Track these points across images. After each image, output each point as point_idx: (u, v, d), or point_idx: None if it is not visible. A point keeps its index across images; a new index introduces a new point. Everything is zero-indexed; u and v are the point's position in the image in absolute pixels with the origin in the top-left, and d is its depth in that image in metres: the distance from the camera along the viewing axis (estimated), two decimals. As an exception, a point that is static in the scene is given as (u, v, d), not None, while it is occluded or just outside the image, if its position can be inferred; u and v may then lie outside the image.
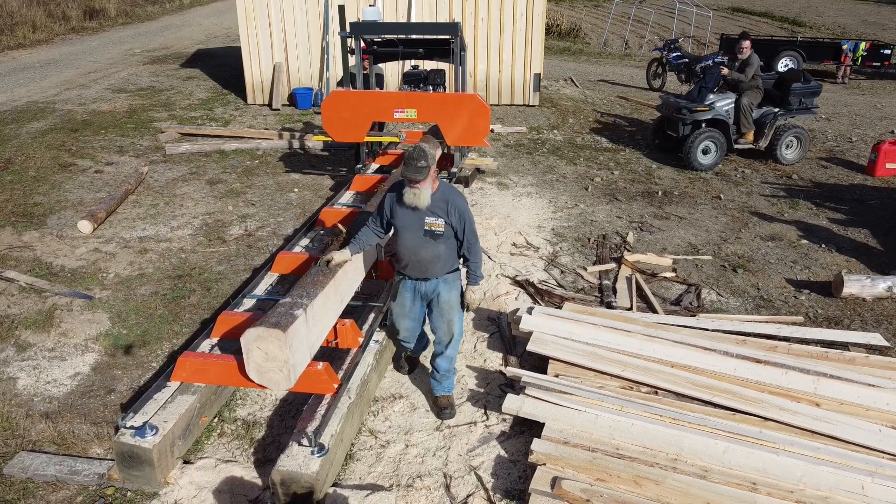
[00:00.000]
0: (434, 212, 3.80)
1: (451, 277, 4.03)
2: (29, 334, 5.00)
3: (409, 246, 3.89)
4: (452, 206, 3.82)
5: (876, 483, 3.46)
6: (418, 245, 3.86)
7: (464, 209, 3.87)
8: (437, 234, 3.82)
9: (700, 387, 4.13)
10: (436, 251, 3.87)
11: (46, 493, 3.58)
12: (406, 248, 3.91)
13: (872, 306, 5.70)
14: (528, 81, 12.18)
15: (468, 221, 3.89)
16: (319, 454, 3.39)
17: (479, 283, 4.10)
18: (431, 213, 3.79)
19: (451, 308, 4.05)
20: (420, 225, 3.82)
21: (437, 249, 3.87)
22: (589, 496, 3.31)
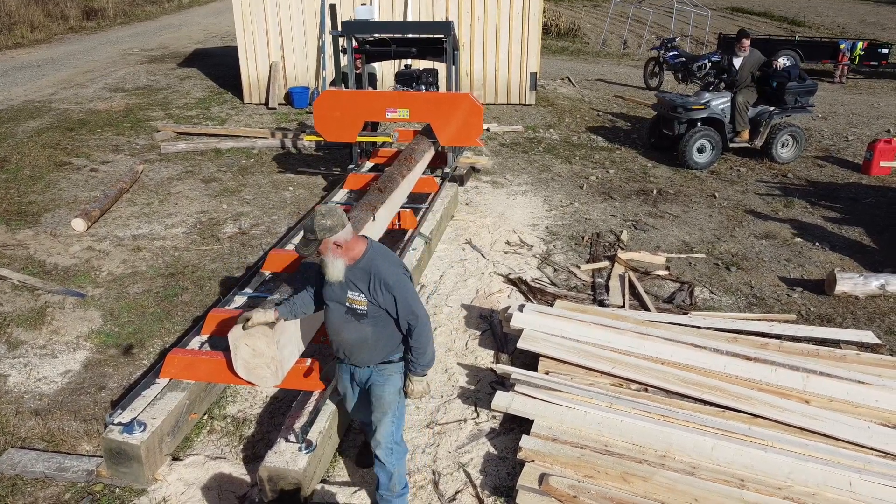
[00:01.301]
0: (356, 284, 3.05)
1: (387, 369, 3.20)
2: (21, 332, 5.01)
3: (332, 324, 3.20)
4: (376, 278, 3.01)
5: (864, 479, 3.47)
6: (340, 324, 3.15)
7: (394, 282, 3.02)
8: (358, 313, 3.08)
9: (690, 384, 4.13)
10: (361, 334, 3.11)
11: (35, 490, 3.58)
12: (329, 325, 3.23)
13: (865, 304, 5.70)
14: (524, 80, 12.17)
15: (401, 296, 3.03)
16: (307, 451, 3.39)
17: (425, 373, 3.20)
18: (353, 285, 3.06)
19: (384, 407, 3.20)
20: (343, 299, 3.11)
21: (363, 332, 3.10)
22: (576, 492, 3.31)
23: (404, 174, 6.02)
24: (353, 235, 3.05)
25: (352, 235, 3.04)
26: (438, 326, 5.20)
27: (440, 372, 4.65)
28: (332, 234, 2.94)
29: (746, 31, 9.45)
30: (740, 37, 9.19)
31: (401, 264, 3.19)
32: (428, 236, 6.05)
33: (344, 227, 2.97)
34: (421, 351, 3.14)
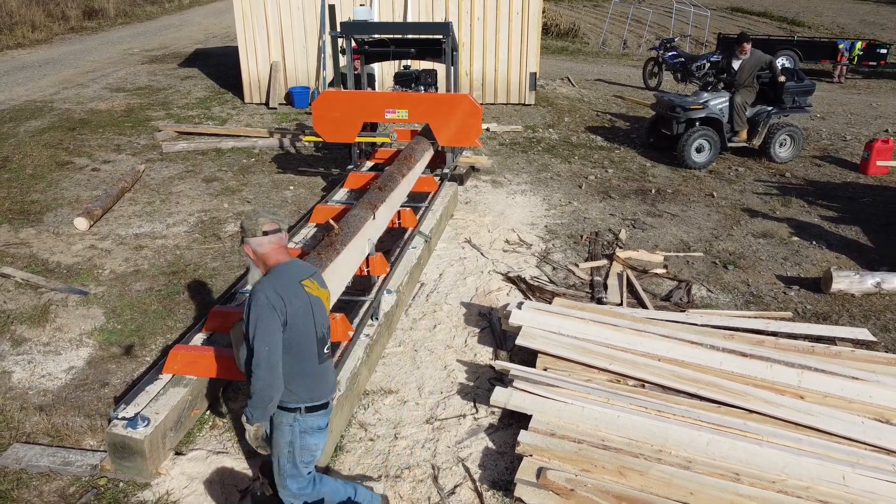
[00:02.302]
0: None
1: (278, 415, 2.89)
2: (24, 329, 5.06)
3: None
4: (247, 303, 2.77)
5: (857, 473, 3.52)
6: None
7: (247, 307, 2.73)
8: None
9: (686, 380, 4.18)
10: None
11: (40, 484, 3.63)
12: None
13: (861, 302, 5.75)
14: (524, 80, 12.23)
15: (248, 325, 2.72)
16: (308, 445, 3.43)
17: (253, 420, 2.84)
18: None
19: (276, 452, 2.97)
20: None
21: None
22: (573, 486, 3.36)
23: (404, 173, 6.07)
24: (262, 248, 2.85)
25: (260, 248, 2.85)
26: (438, 324, 5.26)
27: (440, 369, 4.71)
28: (244, 237, 2.90)
29: (747, 35, 9.50)
30: (741, 40, 9.23)
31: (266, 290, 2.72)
32: (428, 235, 6.10)
33: (253, 236, 2.85)
34: (250, 392, 2.77)
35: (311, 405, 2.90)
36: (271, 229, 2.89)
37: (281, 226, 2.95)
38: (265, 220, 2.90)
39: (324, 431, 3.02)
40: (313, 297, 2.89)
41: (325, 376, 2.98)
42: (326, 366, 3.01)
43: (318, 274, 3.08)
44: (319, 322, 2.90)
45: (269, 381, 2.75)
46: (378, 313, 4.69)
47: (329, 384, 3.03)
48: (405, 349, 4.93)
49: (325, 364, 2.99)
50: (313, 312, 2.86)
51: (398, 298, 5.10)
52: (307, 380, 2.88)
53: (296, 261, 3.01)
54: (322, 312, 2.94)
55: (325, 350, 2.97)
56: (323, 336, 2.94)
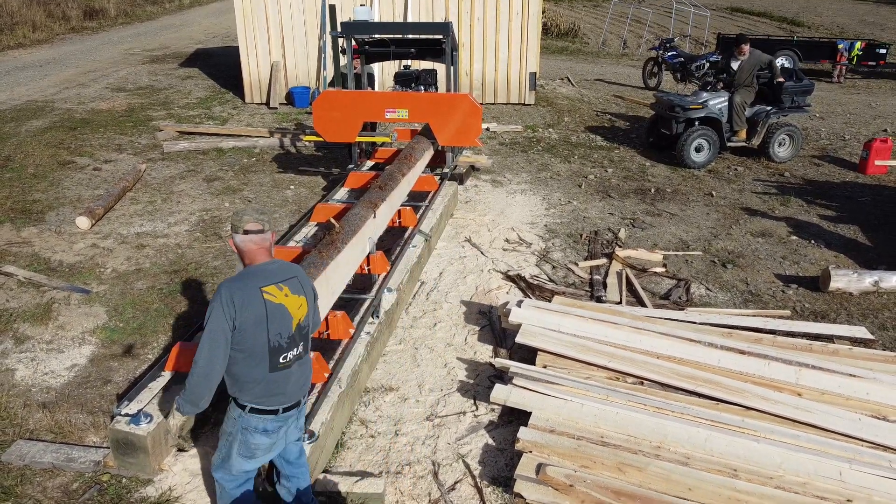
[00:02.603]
0: None
1: (231, 403, 2.95)
2: (27, 327, 5.09)
3: None
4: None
5: (853, 469, 3.55)
6: None
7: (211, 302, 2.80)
8: None
9: (684, 377, 4.21)
10: None
11: (43, 480, 3.66)
12: None
13: (859, 300, 5.78)
14: (524, 80, 12.26)
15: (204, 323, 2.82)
16: (309, 441, 3.47)
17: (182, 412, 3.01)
18: None
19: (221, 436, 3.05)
20: None
21: None
22: (573, 482, 3.39)
23: (404, 172, 6.10)
24: (243, 245, 2.87)
25: (241, 245, 2.87)
26: (438, 322, 5.29)
27: (440, 366, 4.74)
28: (231, 231, 2.92)
29: (745, 37, 9.53)
30: (739, 41, 9.26)
31: (223, 290, 2.77)
32: (428, 234, 6.13)
33: (236, 233, 2.87)
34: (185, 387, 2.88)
35: (256, 408, 2.86)
36: (253, 229, 2.84)
37: (265, 226, 2.88)
38: (249, 219, 2.86)
39: (270, 434, 2.91)
40: (274, 305, 2.78)
41: (277, 384, 2.86)
42: (283, 374, 2.86)
43: (296, 279, 2.92)
44: (275, 331, 2.79)
45: (200, 383, 2.81)
46: (379, 311, 4.72)
47: (285, 393, 2.89)
48: (406, 347, 4.96)
49: (281, 373, 2.85)
50: (268, 321, 2.77)
51: (399, 297, 5.13)
52: (255, 385, 2.83)
53: (274, 263, 2.91)
54: (282, 321, 2.81)
55: (282, 359, 2.83)
56: (279, 345, 2.81)
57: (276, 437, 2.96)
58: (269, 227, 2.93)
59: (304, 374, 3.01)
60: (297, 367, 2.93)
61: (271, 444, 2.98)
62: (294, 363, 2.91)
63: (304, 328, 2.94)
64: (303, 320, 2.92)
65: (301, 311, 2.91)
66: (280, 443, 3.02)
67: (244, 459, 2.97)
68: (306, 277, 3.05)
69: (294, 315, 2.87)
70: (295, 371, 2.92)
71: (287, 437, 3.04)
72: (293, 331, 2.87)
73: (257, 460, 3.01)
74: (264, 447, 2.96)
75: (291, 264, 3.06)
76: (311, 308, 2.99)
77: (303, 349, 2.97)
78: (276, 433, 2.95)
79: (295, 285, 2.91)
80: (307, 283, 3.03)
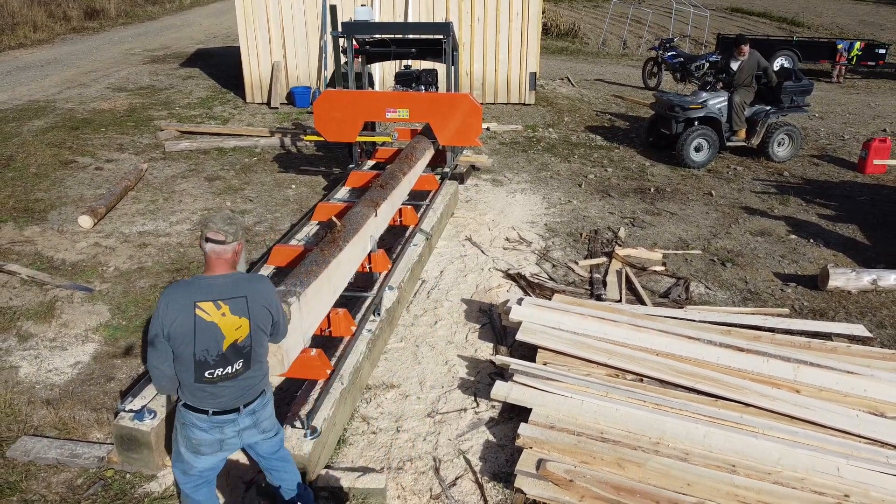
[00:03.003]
0: None
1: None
2: (30, 325, 5.12)
3: None
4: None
5: (851, 465, 3.58)
6: None
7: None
8: None
9: (683, 374, 4.24)
10: None
11: (48, 476, 3.70)
12: None
13: (857, 299, 5.81)
14: (524, 80, 12.29)
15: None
16: (312, 437, 3.51)
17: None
18: None
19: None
20: None
21: None
22: (573, 477, 3.42)
23: (405, 172, 6.13)
24: (204, 250, 2.88)
25: (203, 249, 2.89)
26: (439, 320, 5.32)
27: (440, 364, 4.77)
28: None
29: (745, 37, 9.55)
30: (738, 42, 9.28)
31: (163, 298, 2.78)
32: (429, 232, 6.16)
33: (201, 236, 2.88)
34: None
35: (189, 405, 2.87)
36: (214, 238, 2.78)
37: (227, 238, 2.79)
38: (213, 227, 2.80)
39: (208, 431, 2.87)
40: (204, 322, 2.72)
41: (205, 393, 2.82)
42: (211, 387, 2.81)
43: (244, 299, 2.79)
44: (201, 348, 2.73)
45: (153, 376, 2.89)
46: (380, 309, 4.75)
47: (215, 401, 2.83)
48: (406, 345, 4.99)
49: (208, 385, 2.80)
50: (195, 337, 2.72)
51: (400, 295, 5.17)
52: (186, 387, 2.84)
53: (227, 277, 2.82)
54: (210, 339, 2.73)
55: (207, 374, 2.77)
56: (205, 361, 2.75)
57: (217, 435, 2.89)
58: (234, 239, 2.82)
59: (241, 387, 2.87)
60: (230, 383, 2.83)
61: (215, 442, 2.90)
62: (222, 381, 2.81)
63: (243, 348, 2.81)
64: (241, 341, 2.79)
65: (240, 333, 2.79)
66: (232, 443, 2.95)
67: (192, 454, 2.94)
68: (262, 299, 2.86)
69: (227, 335, 2.76)
70: (227, 386, 2.83)
71: (243, 438, 2.97)
72: (223, 350, 2.76)
73: (206, 458, 2.94)
74: (206, 443, 2.90)
75: (251, 283, 2.87)
76: (255, 330, 2.83)
77: (242, 366, 2.83)
78: (214, 432, 2.88)
79: (239, 306, 2.77)
80: (257, 305, 2.83)
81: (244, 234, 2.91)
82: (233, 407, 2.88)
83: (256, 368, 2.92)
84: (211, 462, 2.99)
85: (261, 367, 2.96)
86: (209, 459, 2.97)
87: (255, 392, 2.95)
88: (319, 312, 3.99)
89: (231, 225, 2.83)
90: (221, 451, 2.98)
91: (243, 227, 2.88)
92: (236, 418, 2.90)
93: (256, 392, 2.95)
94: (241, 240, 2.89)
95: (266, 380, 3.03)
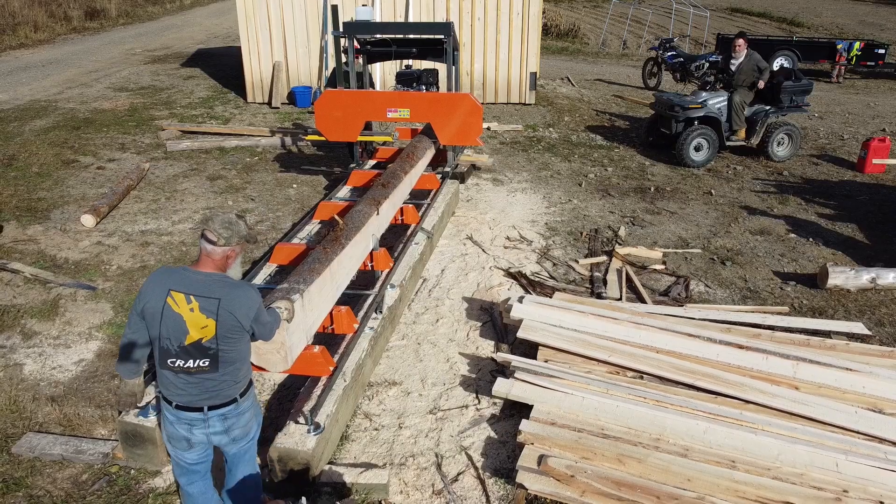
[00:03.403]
0: None
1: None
2: (34, 323, 5.15)
3: None
4: None
5: (849, 460, 3.61)
6: None
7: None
8: None
9: (684, 371, 4.27)
10: None
11: (53, 472, 3.73)
12: None
13: (856, 297, 5.85)
14: (524, 80, 12.33)
15: None
16: (315, 432, 3.54)
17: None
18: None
19: None
20: None
21: None
22: (574, 472, 3.45)
23: (407, 171, 6.16)
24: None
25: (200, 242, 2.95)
26: (440, 318, 5.35)
27: (442, 361, 4.80)
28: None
29: (743, 33, 9.60)
30: (736, 38, 9.33)
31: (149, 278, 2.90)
32: (430, 231, 6.19)
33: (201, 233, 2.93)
34: None
35: (161, 393, 2.92)
36: (209, 237, 2.82)
37: (221, 241, 2.81)
38: (211, 226, 2.83)
39: (174, 424, 2.90)
40: (171, 311, 2.76)
41: (167, 381, 2.85)
42: (172, 375, 2.82)
43: (218, 301, 2.76)
44: (165, 335, 2.77)
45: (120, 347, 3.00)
46: (382, 307, 4.78)
47: (176, 392, 2.85)
48: (408, 342, 5.03)
49: (170, 373, 2.82)
50: (161, 322, 2.77)
51: (401, 293, 5.20)
52: (158, 371, 2.89)
53: (209, 276, 2.82)
54: (174, 329, 2.76)
55: (169, 362, 2.80)
56: (168, 348, 2.78)
57: (184, 433, 2.90)
58: (226, 243, 2.82)
59: (204, 387, 2.84)
60: (190, 378, 2.81)
61: (182, 439, 2.92)
62: (182, 373, 2.80)
63: (208, 349, 2.78)
64: (206, 341, 2.77)
65: (205, 332, 2.76)
66: (199, 441, 2.93)
67: (168, 444, 3.00)
68: (235, 306, 2.78)
69: (192, 331, 2.76)
70: (187, 381, 2.82)
71: (212, 440, 2.96)
72: (186, 343, 2.77)
73: (177, 451, 2.97)
74: (175, 437, 2.93)
75: (230, 288, 2.81)
76: (222, 334, 2.78)
77: (208, 366, 2.80)
78: (181, 427, 2.89)
79: (210, 306, 2.76)
80: (226, 311, 2.77)
81: (242, 242, 2.88)
82: (195, 405, 2.84)
83: (227, 373, 2.84)
84: (195, 456, 3.00)
85: (234, 373, 2.88)
86: (183, 454, 2.98)
87: (224, 397, 2.88)
88: (322, 310, 4.02)
89: (228, 230, 2.83)
90: (192, 450, 2.96)
91: (242, 235, 2.86)
92: (204, 419, 2.87)
93: (225, 397, 2.88)
94: (235, 246, 2.86)
95: (242, 388, 2.94)
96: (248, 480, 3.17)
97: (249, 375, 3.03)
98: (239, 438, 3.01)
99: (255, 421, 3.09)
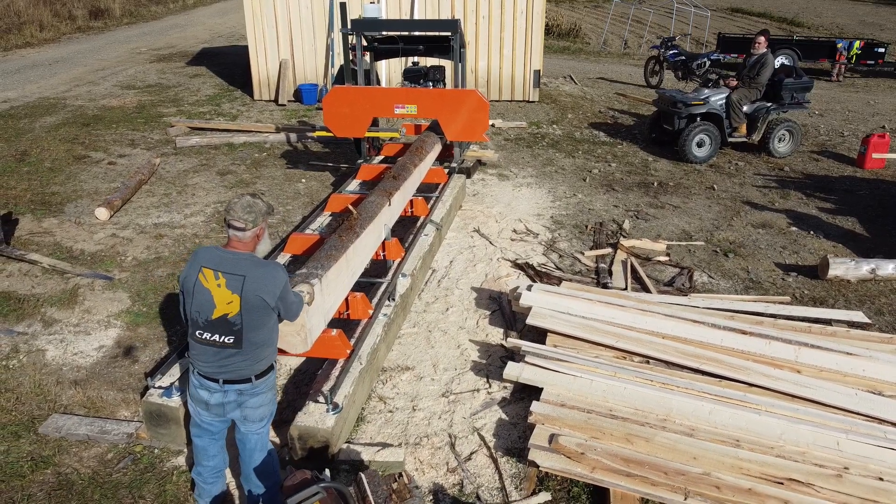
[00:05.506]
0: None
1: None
2: (54, 311, 5.28)
3: None
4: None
5: (850, 439, 3.74)
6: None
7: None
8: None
9: (689, 356, 4.40)
10: None
11: (80, 451, 3.85)
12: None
13: (856, 287, 5.97)
14: (528, 78, 12.45)
15: None
16: (334, 412, 3.67)
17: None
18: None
19: None
20: None
21: None
22: (584, 450, 3.58)
23: (416, 164, 6.29)
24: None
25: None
26: (450, 307, 5.48)
27: (453, 348, 4.93)
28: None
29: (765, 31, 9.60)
30: (757, 34, 9.40)
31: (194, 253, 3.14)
32: (439, 223, 6.32)
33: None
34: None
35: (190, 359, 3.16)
36: (234, 224, 3.00)
37: (246, 225, 2.98)
38: (234, 215, 2.99)
39: (197, 389, 3.11)
40: (201, 286, 2.96)
41: (195, 350, 3.07)
42: (201, 346, 3.03)
43: (243, 279, 2.93)
44: (195, 308, 2.99)
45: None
46: (395, 294, 4.91)
47: (199, 360, 3.06)
48: (419, 330, 5.15)
49: (198, 344, 3.03)
50: (193, 295, 3.00)
51: (412, 282, 5.32)
52: (190, 343, 3.12)
53: (235, 255, 3.00)
54: (203, 303, 2.96)
55: (198, 333, 3.01)
56: (196, 320, 3.00)
57: (204, 395, 3.09)
58: (253, 226, 3.01)
59: (223, 361, 3.01)
60: (212, 349, 3.00)
61: (201, 401, 3.12)
62: (209, 346, 3.00)
63: (233, 325, 2.95)
64: (231, 316, 2.94)
65: (231, 308, 2.94)
66: (216, 403, 3.09)
67: (190, 402, 3.23)
68: (259, 284, 2.95)
69: (218, 305, 2.94)
70: (208, 352, 3.01)
71: (227, 410, 3.13)
72: (213, 317, 2.95)
73: (196, 408, 3.18)
74: (195, 398, 3.15)
75: (256, 266, 2.99)
76: (246, 310, 2.95)
77: (232, 343, 2.97)
78: (202, 391, 3.10)
79: (235, 282, 2.93)
80: (251, 289, 2.94)
81: (265, 218, 3.07)
82: (212, 376, 3.05)
83: (249, 353, 3.01)
84: (210, 417, 3.17)
85: (255, 354, 3.03)
86: (205, 414, 3.16)
87: (241, 374, 3.05)
88: (339, 294, 4.14)
89: (250, 213, 3.01)
90: (209, 411, 3.14)
91: (263, 212, 3.05)
92: (219, 389, 3.07)
93: (243, 375, 3.05)
94: (261, 224, 3.07)
95: (260, 370, 3.08)
96: (263, 467, 3.32)
97: (272, 360, 3.18)
98: (251, 420, 3.17)
99: (269, 407, 3.24)
